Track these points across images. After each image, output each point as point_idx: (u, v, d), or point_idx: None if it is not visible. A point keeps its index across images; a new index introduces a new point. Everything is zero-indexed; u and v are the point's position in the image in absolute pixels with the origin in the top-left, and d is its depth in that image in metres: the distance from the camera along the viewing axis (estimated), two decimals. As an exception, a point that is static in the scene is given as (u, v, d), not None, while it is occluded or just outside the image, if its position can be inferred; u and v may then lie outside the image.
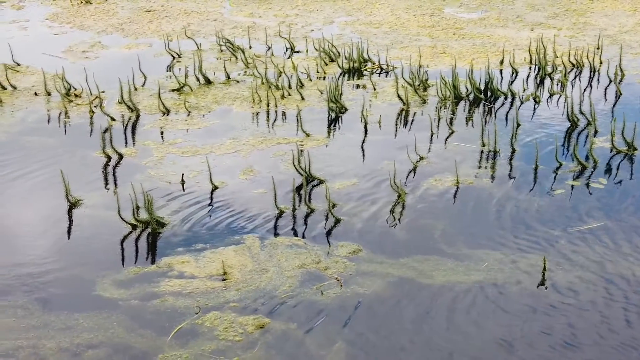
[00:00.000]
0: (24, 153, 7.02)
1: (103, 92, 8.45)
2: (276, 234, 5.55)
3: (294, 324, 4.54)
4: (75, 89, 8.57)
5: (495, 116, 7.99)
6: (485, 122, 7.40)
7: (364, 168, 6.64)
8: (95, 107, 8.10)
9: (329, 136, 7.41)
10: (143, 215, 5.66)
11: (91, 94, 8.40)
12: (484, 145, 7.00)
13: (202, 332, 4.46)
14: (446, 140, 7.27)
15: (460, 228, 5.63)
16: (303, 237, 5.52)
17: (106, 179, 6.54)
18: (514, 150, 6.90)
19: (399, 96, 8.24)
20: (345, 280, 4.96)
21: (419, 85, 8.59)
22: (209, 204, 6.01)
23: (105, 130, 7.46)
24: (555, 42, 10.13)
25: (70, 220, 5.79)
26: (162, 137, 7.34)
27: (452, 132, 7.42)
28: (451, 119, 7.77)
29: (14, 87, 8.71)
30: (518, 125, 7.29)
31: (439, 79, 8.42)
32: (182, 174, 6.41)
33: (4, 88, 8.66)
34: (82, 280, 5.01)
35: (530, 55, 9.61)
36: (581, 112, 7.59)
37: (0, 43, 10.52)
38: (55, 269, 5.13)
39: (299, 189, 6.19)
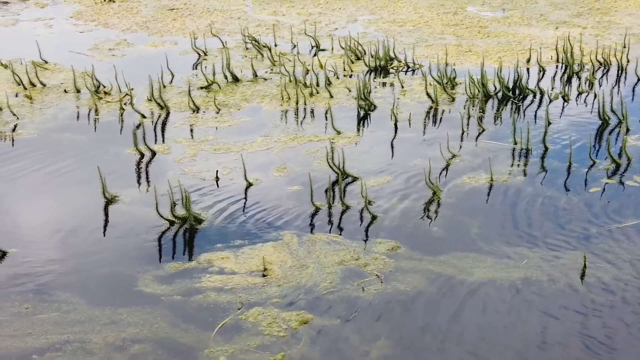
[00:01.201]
0: (57, 150, 7.05)
1: (132, 89, 8.47)
2: (313, 231, 5.57)
3: (337, 320, 4.55)
4: (104, 87, 8.60)
5: (525, 114, 7.99)
6: (515, 120, 7.35)
7: (397, 165, 6.65)
8: (125, 104, 8.14)
9: (359, 134, 7.41)
10: (179, 211, 5.68)
11: (120, 92, 8.43)
12: (515, 143, 7.00)
13: (246, 328, 4.48)
14: (477, 138, 7.27)
15: (497, 226, 5.63)
16: (340, 233, 5.54)
17: (140, 176, 6.57)
18: (546, 149, 6.89)
19: (428, 94, 8.24)
20: (385, 276, 4.97)
21: (447, 83, 8.59)
22: (245, 201, 6.03)
23: (137, 127, 7.50)
24: (581, 40, 10.11)
25: (108, 217, 5.82)
26: (194, 134, 7.37)
27: (483, 130, 7.42)
28: (481, 117, 7.77)
29: (43, 85, 8.76)
30: (549, 123, 7.27)
31: (467, 77, 8.41)
32: (217, 171, 6.43)
33: (34, 85, 8.71)
34: (123, 275, 5.04)
35: (557, 53, 9.59)
36: (612, 110, 7.57)
37: (27, 41, 10.59)
38: (95, 265, 5.16)
39: (332, 186, 6.21)
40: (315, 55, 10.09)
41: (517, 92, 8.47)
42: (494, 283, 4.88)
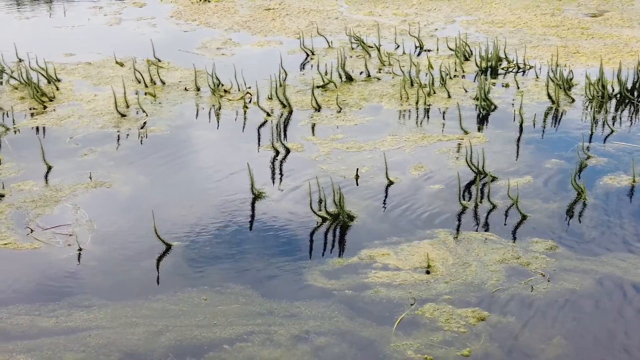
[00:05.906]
0: (192, 147, 7.21)
1: (249, 87, 8.60)
2: (466, 229, 5.61)
3: (512, 317, 4.60)
4: (223, 85, 8.74)
5: (646, 116, 7.94)
6: (633, 122, 7.32)
7: (533, 165, 6.66)
8: (249, 102, 8.27)
9: (485, 134, 7.43)
10: (328, 208, 5.77)
11: (239, 90, 8.56)
12: (650, 145, 6.98)
13: (424, 323, 4.54)
14: (605, 139, 7.24)
15: (650, 227, 5.62)
16: (493, 232, 5.57)
17: (276, 173, 6.67)
18: (682, 151, 6.86)
19: (549, 95, 8.23)
20: (550, 276, 5.00)
21: (564, 84, 8.56)
22: (389, 199, 6.10)
23: (263, 125, 7.62)
24: (692, 42, 10.01)
25: (259, 212, 5.92)
26: (322, 133, 7.46)
27: (612, 132, 7.39)
28: (606, 118, 7.73)
29: (163, 82, 8.93)
30: (678, 125, 7.23)
31: (586, 78, 8.39)
32: (357, 169, 6.51)
33: (154, 83, 8.89)
34: (289, 269, 5.14)
35: (670, 55, 9.51)
36: None
37: (135, 39, 10.81)
38: (259, 258, 5.28)
39: (469, 185, 6.27)
40: (419, 55, 10.13)
41: (635, 93, 8.41)
42: (664, 284, 4.88)
